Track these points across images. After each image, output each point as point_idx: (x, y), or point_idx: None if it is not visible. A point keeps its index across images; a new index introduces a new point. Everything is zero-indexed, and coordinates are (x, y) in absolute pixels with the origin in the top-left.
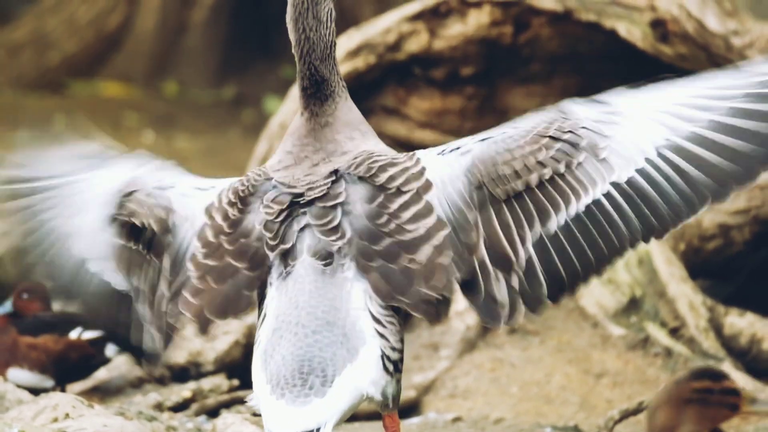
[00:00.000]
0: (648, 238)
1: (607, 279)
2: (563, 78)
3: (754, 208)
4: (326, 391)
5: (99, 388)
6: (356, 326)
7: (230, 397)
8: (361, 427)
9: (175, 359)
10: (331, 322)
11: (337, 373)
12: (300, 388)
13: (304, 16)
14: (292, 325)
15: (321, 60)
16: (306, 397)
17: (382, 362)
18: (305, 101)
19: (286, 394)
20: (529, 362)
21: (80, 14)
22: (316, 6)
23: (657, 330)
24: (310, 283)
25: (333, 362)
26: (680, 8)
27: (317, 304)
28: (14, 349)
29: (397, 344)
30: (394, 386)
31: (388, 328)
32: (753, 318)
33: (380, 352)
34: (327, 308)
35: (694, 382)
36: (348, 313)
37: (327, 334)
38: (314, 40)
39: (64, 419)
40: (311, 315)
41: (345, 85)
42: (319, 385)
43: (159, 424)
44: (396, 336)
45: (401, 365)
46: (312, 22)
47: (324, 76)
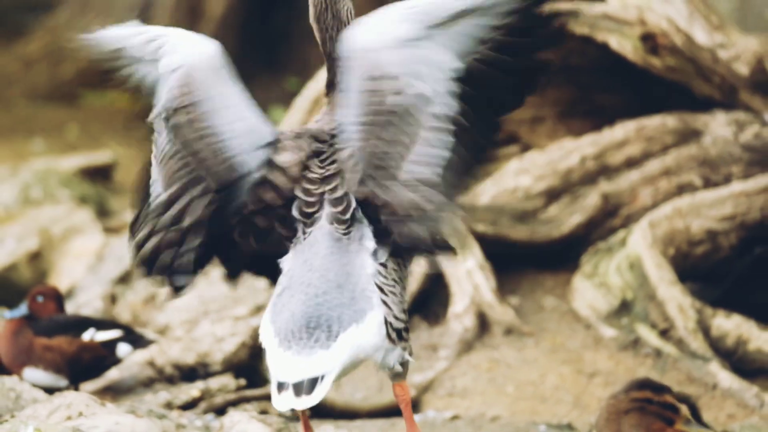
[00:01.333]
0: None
1: (600, 282)
2: (557, 89)
3: (740, 215)
4: (330, 345)
5: (111, 388)
6: (366, 291)
7: (237, 396)
8: (363, 424)
9: (184, 360)
10: (342, 285)
11: (342, 330)
12: (306, 340)
13: (324, 15)
14: (303, 285)
15: None
16: (311, 348)
17: (385, 328)
18: (329, 95)
19: (293, 346)
20: (525, 363)
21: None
22: (335, 5)
23: (647, 331)
24: (326, 248)
25: (339, 320)
26: (669, 22)
27: (330, 268)
28: (30, 350)
29: (400, 314)
30: (399, 354)
31: (390, 297)
32: (739, 320)
33: (384, 318)
34: (339, 272)
35: (636, 392)
36: (359, 278)
37: (336, 295)
38: (337, 39)
39: (77, 417)
40: (323, 277)
41: None
42: (324, 339)
43: (169, 422)
44: (399, 306)
45: (406, 335)
46: (332, 21)
47: None
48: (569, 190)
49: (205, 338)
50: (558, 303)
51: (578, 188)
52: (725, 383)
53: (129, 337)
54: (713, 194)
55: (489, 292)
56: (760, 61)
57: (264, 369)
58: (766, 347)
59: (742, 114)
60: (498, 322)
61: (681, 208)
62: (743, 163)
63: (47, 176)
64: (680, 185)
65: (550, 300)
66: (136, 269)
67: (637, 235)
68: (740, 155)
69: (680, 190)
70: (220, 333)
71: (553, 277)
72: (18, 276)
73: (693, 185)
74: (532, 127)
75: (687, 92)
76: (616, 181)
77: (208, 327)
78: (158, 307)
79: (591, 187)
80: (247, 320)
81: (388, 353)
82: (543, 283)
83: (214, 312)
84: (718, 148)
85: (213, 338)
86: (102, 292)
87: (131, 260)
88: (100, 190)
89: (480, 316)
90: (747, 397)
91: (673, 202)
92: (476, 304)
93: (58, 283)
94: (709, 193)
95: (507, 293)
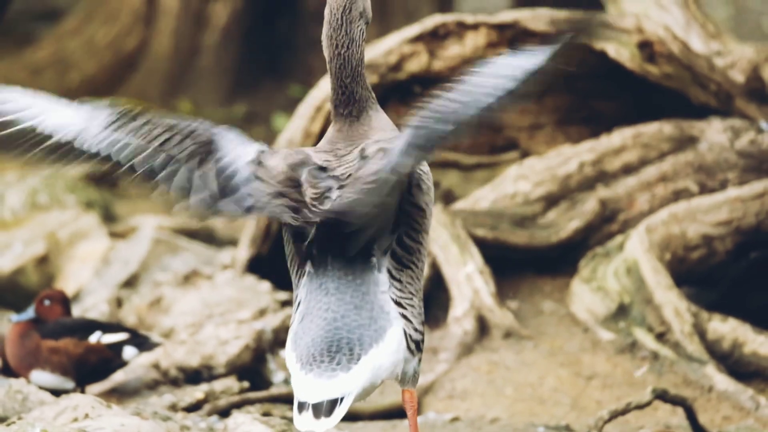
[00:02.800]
0: None
1: (597, 287)
2: (555, 96)
3: (735, 220)
4: (351, 367)
5: (117, 390)
6: (384, 309)
7: (241, 398)
8: (365, 426)
9: (188, 362)
10: (359, 306)
11: (364, 352)
12: (328, 363)
13: (338, 32)
14: (321, 310)
15: (352, 77)
16: (333, 371)
17: (406, 343)
18: (337, 115)
19: (314, 368)
20: (524, 365)
21: (99, 37)
22: (350, 24)
23: (644, 335)
24: (339, 269)
25: (360, 342)
26: (666, 30)
27: (346, 290)
28: (37, 353)
29: (419, 326)
30: (416, 365)
31: (408, 310)
32: (735, 323)
33: (404, 333)
34: (355, 293)
35: None
36: (376, 296)
37: (355, 317)
38: (345, 57)
39: (83, 419)
40: (340, 300)
41: (374, 96)
42: (346, 361)
43: (173, 424)
44: (418, 318)
45: (422, 345)
46: (344, 39)
47: (354, 93)
48: (568, 195)
49: (209, 341)
50: (556, 307)
51: (576, 194)
52: (721, 386)
53: (134, 340)
54: (709, 200)
55: (488, 296)
56: (756, 68)
57: (267, 372)
58: (761, 350)
59: (737, 121)
60: (497, 326)
61: (677, 213)
62: (739, 169)
63: (54, 182)
64: (677, 191)
65: (549, 304)
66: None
67: (635, 240)
68: (736, 161)
69: (677, 195)
70: (224, 336)
71: (552, 281)
72: (25, 280)
73: (689, 191)
74: (531, 134)
75: (683, 99)
76: (613, 187)
77: (212, 330)
78: (163, 310)
79: (589, 192)
80: (251, 323)
81: (406, 364)
82: (542, 288)
83: (218, 315)
84: (714, 155)
85: (217, 341)
86: (108, 296)
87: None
88: (106, 195)
89: (480, 320)
90: (742, 400)
91: (670, 207)
92: (476, 308)
93: (65, 286)
94: (705, 199)
95: (506, 297)
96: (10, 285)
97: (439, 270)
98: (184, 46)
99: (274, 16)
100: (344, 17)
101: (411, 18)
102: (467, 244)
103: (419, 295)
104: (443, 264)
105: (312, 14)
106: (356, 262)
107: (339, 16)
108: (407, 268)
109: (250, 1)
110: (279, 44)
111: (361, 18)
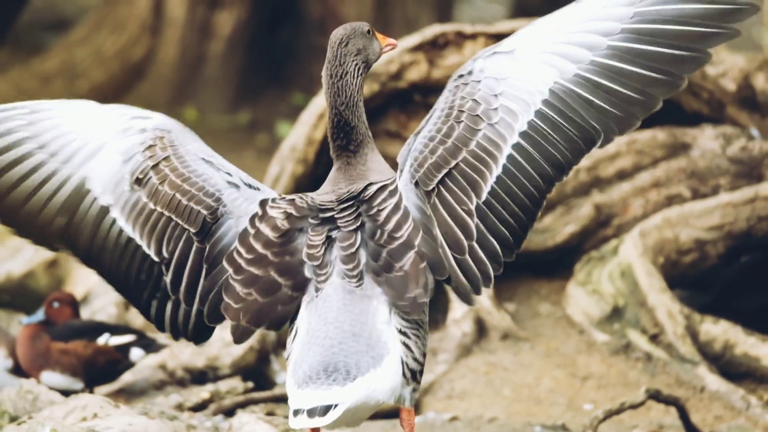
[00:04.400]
0: (557, 178)
1: (593, 290)
2: None
3: (727, 225)
4: (347, 384)
5: (124, 390)
6: (381, 339)
7: (245, 398)
8: (365, 425)
9: (194, 363)
10: (357, 334)
11: (360, 374)
12: (324, 380)
13: (332, 63)
14: (320, 338)
15: (346, 105)
16: (329, 386)
17: (402, 371)
18: (335, 149)
19: (311, 384)
20: (521, 366)
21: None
22: (345, 57)
23: (638, 336)
24: (338, 300)
25: (357, 366)
26: None
27: (344, 319)
28: (47, 354)
29: (420, 357)
30: (410, 392)
31: (412, 339)
32: (726, 325)
33: (402, 362)
34: (353, 322)
35: None
36: (374, 326)
37: (352, 344)
38: (339, 87)
39: (92, 419)
40: (338, 329)
41: (371, 136)
42: (342, 379)
43: (180, 423)
44: (420, 349)
45: (420, 377)
46: (338, 70)
47: (350, 121)
48: (563, 201)
49: (215, 343)
50: (553, 309)
51: (572, 199)
52: (713, 386)
53: (142, 342)
54: (701, 205)
55: (486, 298)
56: (747, 77)
57: (270, 372)
58: (752, 351)
59: (729, 128)
60: (495, 328)
61: (670, 218)
62: (730, 175)
63: None
64: (670, 196)
65: (545, 306)
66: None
67: (629, 244)
68: (727, 168)
69: (670, 201)
70: (228, 338)
71: (548, 284)
72: (35, 283)
73: (682, 196)
74: None
75: (676, 107)
76: (608, 193)
77: (218, 332)
78: None
79: (584, 198)
80: (273, 331)
81: (402, 389)
82: (538, 290)
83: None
84: (706, 161)
85: (222, 343)
86: (116, 299)
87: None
88: None
89: (478, 322)
90: (734, 400)
91: (663, 212)
92: (474, 311)
93: (74, 289)
94: (697, 204)
95: (504, 300)
96: (20, 288)
97: None
98: (190, 55)
99: (278, 26)
100: (340, 49)
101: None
102: None
103: (425, 327)
104: None
105: (315, 24)
106: (356, 294)
107: (336, 47)
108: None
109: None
110: (282, 53)
111: (358, 54)
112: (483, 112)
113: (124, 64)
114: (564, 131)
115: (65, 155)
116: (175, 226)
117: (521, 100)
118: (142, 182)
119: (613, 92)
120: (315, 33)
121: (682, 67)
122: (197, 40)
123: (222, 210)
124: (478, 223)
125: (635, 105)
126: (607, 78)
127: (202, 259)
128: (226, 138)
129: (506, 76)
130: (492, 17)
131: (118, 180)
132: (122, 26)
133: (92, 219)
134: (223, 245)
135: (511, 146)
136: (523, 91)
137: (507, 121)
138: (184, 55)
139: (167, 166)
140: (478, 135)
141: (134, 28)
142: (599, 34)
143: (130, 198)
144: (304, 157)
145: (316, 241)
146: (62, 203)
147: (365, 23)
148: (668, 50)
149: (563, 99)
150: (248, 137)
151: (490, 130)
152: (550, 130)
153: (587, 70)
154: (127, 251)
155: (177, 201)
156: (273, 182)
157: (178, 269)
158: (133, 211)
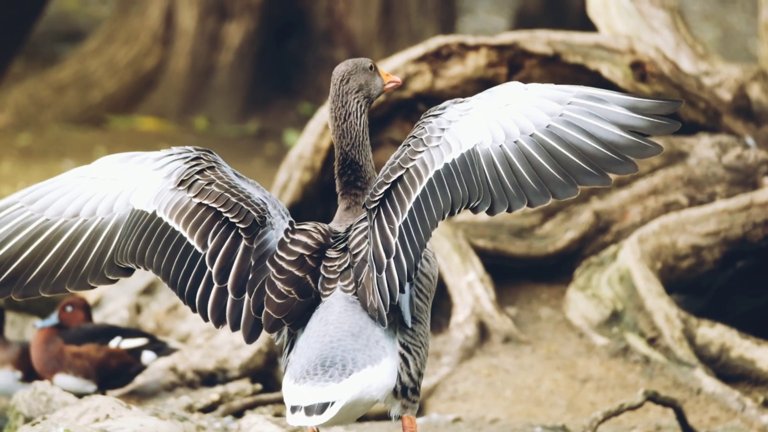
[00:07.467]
0: (441, 218)
1: (592, 294)
2: None
3: (723, 231)
4: (343, 380)
5: (136, 392)
6: (379, 343)
7: (254, 399)
8: (371, 426)
9: (204, 366)
10: (356, 335)
11: (356, 369)
12: (321, 375)
13: (336, 104)
14: (319, 336)
15: (352, 146)
16: (325, 382)
17: (397, 378)
18: (342, 186)
19: (308, 380)
20: (522, 369)
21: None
22: (347, 95)
23: (636, 340)
24: (340, 306)
25: (354, 362)
26: (657, 51)
27: (344, 321)
28: (60, 358)
29: (416, 375)
30: (400, 406)
31: (412, 355)
32: (722, 329)
33: (399, 368)
34: (353, 325)
35: None
36: (373, 332)
37: (350, 342)
38: (344, 129)
39: (104, 419)
40: (338, 328)
41: (376, 174)
42: (338, 374)
43: (190, 424)
44: (416, 368)
45: (412, 396)
46: (341, 111)
47: (356, 160)
48: (564, 207)
49: (224, 346)
50: (553, 313)
51: (572, 206)
52: (709, 388)
53: (153, 345)
54: (698, 212)
55: (489, 303)
56: (742, 87)
57: (279, 374)
58: (747, 354)
59: (725, 137)
60: (497, 331)
61: (668, 224)
62: (726, 182)
63: None
64: (667, 203)
65: (546, 310)
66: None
67: (627, 250)
68: (723, 175)
69: (667, 208)
70: (238, 341)
71: (549, 289)
72: None
73: (679, 203)
74: None
75: (674, 117)
76: (607, 200)
77: (227, 335)
78: (180, 316)
79: (584, 205)
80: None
81: (393, 403)
82: (539, 295)
83: None
84: (702, 169)
85: (231, 346)
86: (127, 303)
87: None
88: None
89: (480, 326)
90: (729, 401)
91: (661, 219)
92: (477, 314)
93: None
94: (694, 211)
95: (505, 304)
96: None
97: (442, 278)
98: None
99: (286, 37)
100: (341, 87)
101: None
102: (468, 253)
103: (426, 349)
104: (446, 273)
105: (322, 36)
106: (358, 304)
107: (337, 86)
108: (417, 323)
109: (263, 22)
110: (290, 64)
111: (359, 90)
112: (427, 138)
113: (136, 75)
114: (471, 181)
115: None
116: (224, 221)
117: (457, 141)
118: (187, 182)
119: (519, 174)
120: (322, 44)
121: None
122: (207, 51)
123: (268, 219)
124: (397, 242)
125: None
126: (519, 161)
127: (249, 256)
128: (235, 146)
129: (456, 120)
130: (494, 29)
131: (160, 191)
132: (134, 37)
133: (141, 226)
134: (267, 249)
135: (434, 172)
136: (464, 137)
137: (441, 152)
138: (194, 65)
139: (212, 174)
140: (417, 156)
141: (146, 40)
142: (532, 120)
143: (174, 198)
144: (312, 164)
145: (332, 254)
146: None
147: (367, 59)
148: (576, 159)
149: (490, 159)
150: (257, 146)
151: (427, 154)
152: (463, 174)
153: (510, 147)
154: (171, 244)
155: (227, 198)
156: (281, 189)
157: (226, 261)
158: (177, 208)
